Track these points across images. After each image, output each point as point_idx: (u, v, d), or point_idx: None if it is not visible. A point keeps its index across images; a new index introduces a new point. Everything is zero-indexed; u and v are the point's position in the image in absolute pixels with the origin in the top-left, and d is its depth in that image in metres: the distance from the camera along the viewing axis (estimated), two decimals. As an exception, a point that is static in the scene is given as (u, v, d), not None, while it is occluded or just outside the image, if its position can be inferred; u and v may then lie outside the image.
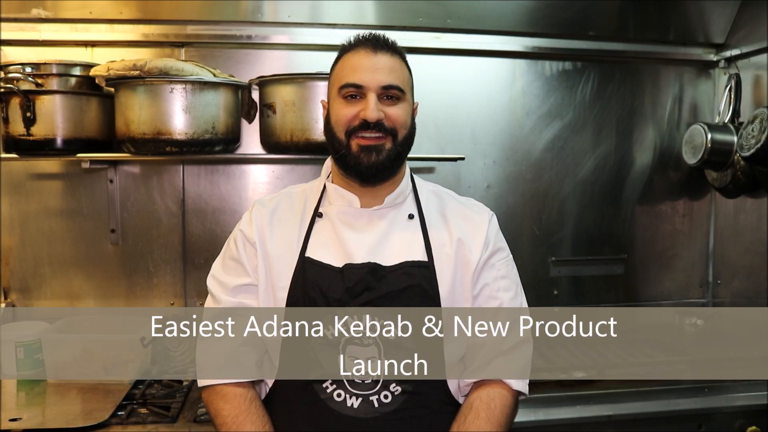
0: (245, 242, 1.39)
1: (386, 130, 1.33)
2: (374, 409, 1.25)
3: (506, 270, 1.41)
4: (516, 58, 2.53)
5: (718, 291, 2.72)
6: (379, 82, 1.32)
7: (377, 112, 1.31)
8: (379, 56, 1.34)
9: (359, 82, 1.32)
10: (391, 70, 1.33)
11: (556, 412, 1.92)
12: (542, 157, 2.59)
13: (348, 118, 1.33)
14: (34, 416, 1.72)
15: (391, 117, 1.33)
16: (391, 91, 1.33)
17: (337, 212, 1.38)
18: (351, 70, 1.34)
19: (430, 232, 1.38)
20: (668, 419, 1.98)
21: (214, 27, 2.30)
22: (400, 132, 1.35)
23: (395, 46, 1.38)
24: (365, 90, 1.32)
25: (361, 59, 1.34)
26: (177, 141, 1.95)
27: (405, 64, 1.39)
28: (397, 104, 1.34)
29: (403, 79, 1.36)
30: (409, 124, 1.38)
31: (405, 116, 1.36)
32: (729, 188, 2.54)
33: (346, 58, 1.37)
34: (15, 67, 2.00)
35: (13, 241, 2.29)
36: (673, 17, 2.55)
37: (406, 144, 1.38)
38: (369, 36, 1.38)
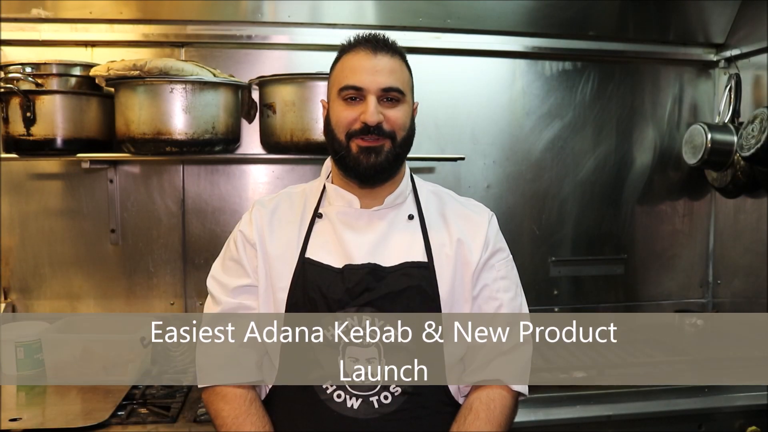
0: (245, 243, 1.39)
1: (385, 133, 1.32)
2: (374, 409, 1.25)
3: (506, 271, 1.41)
4: (516, 58, 2.53)
5: (718, 291, 2.72)
6: (379, 84, 1.31)
7: (377, 116, 1.30)
8: (379, 57, 1.33)
9: (359, 85, 1.31)
10: (391, 71, 1.33)
11: (556, 412, 1.92)
12: (542, 157, 2.59)
13: (348, 120, 1.33)
14: (34, 416, 1.72)
15: (390, 119, 1.33)
16: (390, 93, 1.32)
17: (337, 213, 1.38)
18: (351, 71, 1.33)
19: (430, 232, 1.38)
20: (668, 419, 1.98)
21: (214, 27, 2.30)
22: (399, 134, 1.35)
23: (395, 47, 1.38)
24: (365, 92, 1.31)
25: (360, 61, 1.33)
26: (177, 141, 1.95)
27: (405, 64, 1.39)
28: (397, 106, 1.34)
29: (403, 81, 1.35)
30: (408, 126, 1.38)
31: (404, 118, 1.35)
32: (729, 188, 2.54)
33: (345, 58, 1.36)
34: (15, 67, 2.00)
35: (13, 241, 2.29)
36: (673, 17, 2.55)
37: (405, 145, 1.38)
38: (369, 36, 1.37)
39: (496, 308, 1.36)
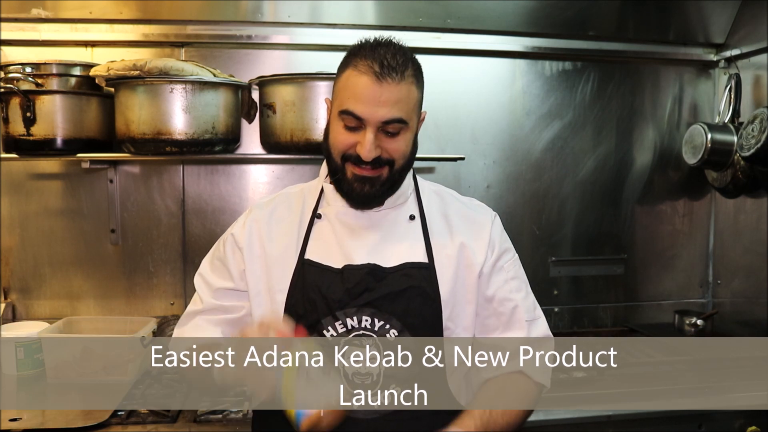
0: (234, 247, 1.38)
1: (383, 162, 1.28)
2: (374, 409, 1.25)
3: (514, 271, 1.40)
4: (516, 58, 2.53)
5: (718, 291, 2.72)
6: (381, 117, 1.24)
7: (373, 152, 1.25)
8: (384, 87, 1.23)
9: (359, 115, 1.24)
10: (395, 102, 1.24)
11: (556, 412, 1.92)
12: (542, 157, 2.59)
13: (345, 145, 1.28)
14: (34, 416, 1.72)
15: (389, 150, 1.28)
16: (391, 126, 1.26)
17: (336, 214, 1.37)
18: (353, 96, 1.25)
19: (432, 233, 1.37)
20: (668, 419, 1.97)
21: (214, 27, 2.30)
22: (398, 162, 1.30)
23: (405, 66, 1.25)
24: (365, 123, 1.25)
25: (364, 88, 1.24)
26: (177, 141, 1.95)
27: (415, 81, 1.28)
28: (397, 137, 1.28)
29: (408, 109, 1.26)
30: (409, 152, 1.32)
31: (405, 147, 1.30)
32: (729, 188, 2.54)
33: (351, 75, 1.26)
34: (15, 67, 2.00)
35: (13, 241, 2.29)
36: (673, 17, 2.55)
37: (404, 170, 1.34)
38: (378, 58, 1.23)
39: (511, 309, 1.35)
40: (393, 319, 1.24)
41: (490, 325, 1.36)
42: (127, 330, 2.12)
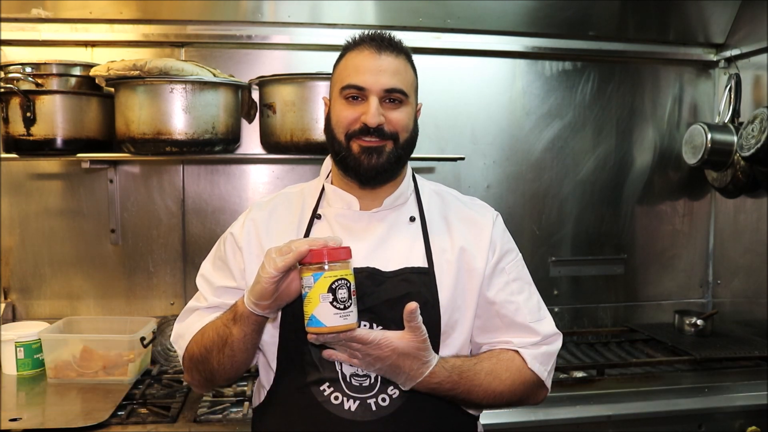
0: (234, 246, 1.38)
1: (386, 135, 1.30)
2: (372, 412, 1.24)
3: (517, 272, 1.39)
4: (516, 58, 2.54)
5: (718, 291, 2.72)
6: (382, 85, 1.29)
7: (378, 117, 1.28)
8: (383, 57, 1.30)
9: (361, 84, 1.29)
10: (395, 72, 1.30)
11: (556, 412, 1.92)
12: (542, 157, 2.59)
13: (349, 120, 1.30)
14: (34, 416, 1.73)
15: (392, 121, 1.30)
16: (393, 95, 1.30)
17: (335, 215, 1.36)
18: (354, 70, 1.30)
19: (432, 236, 1.36)
20: (668, 419, 1.98)
21: (214, 27, 2.30)
22: (402, 135, 1.32)
23: (401, 46, 1.34)
24: (367, 93, 1.29)
25: (364, 60, 1.30)
26: (177, 141, 1.95)
27: (410, 64, 1.36)
28: (399, 108, 1.31)
29: (406, 82, 1.33)
30: (411, 127, 1.35)
31: (407, 120, 1.33)
32: (729, 188, 2.54)
33: (349, 56, 1.34)
34: (15, 67, 2.00)
35: (13, 241, 2.29)
36: (673, 17, 2.55)
37: (407, 147, 1.36)
38: (374, 35, 1.34)
39: (513, 311, 1.34)
40: (392, 325, 1.23)
41: (492, 327, 1.35)
42: (127, 330, 2.12)
